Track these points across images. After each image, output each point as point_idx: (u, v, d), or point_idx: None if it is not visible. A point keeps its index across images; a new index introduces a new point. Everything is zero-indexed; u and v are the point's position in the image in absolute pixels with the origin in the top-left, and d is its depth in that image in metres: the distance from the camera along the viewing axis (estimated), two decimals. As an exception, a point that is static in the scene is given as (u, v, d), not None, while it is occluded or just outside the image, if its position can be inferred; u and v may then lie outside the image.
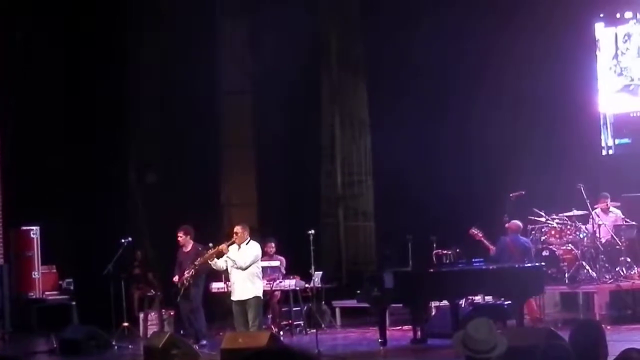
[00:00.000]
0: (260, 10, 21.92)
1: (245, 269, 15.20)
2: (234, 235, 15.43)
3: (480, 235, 17.34)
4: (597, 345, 6.52)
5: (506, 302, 16.35)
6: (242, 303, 15.27)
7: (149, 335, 16.85)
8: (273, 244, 18.27)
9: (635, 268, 17.94)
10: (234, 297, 15.38)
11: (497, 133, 20.01)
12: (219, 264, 15.54)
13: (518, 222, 17.53)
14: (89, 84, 20.79)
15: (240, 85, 22.69)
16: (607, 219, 18.51)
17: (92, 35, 20.91)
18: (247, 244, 15.37)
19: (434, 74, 20.68)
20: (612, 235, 18.18)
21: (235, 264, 15.21)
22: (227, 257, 15.30)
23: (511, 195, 18.04)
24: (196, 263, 16.08)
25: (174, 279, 16.55)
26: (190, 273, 16.17)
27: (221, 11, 22.66)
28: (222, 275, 16.63)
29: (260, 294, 15.50)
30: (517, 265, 16.33)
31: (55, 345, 16.57)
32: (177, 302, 16.76)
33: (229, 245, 15.39)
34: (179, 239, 16.71)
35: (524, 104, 20.30)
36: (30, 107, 20.41)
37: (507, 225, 17.42)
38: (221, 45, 22.52)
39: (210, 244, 16.04)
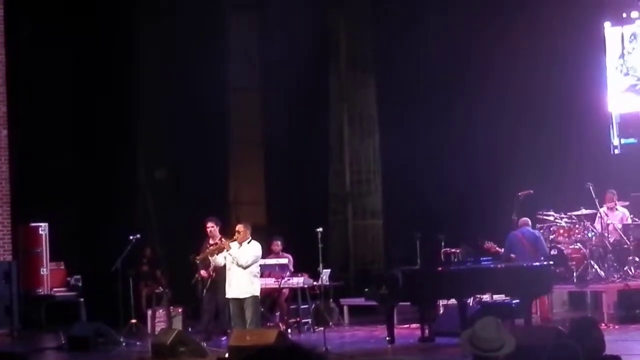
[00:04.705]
0: (269, 6, 21.91)
1: (245, 267, 15.14)
2: (236, 233, 15.35)
3: (496, 247, 17.42)
4: (598, 339, 6.54)
5: (514, 301, 16.35)
6: (240, 302, 15.17)
7: (156, 332, 16.84)
8: (279, 242, 18.28)
9: (644, 267, 17.92)
10: (231, 295, 15.26)
11: (506, 132, 19.99)
12: (219, 260, 15.50)
13: (527, 219, 17.64)
14: (97, 80, 20.79)
15: (249, 81, 22.67)
16: (613, 217, 18.47)
17: (98, 32, 20.91)
18: (248, 242, 15.31)
19: (443, 72, 20.65)
20: (620, 235, 18.16)
21: (237, 261, 15.16)
22: (229, 253, 15.26)
23: (520, 194, 18.06)
24: (198, 258, 16.08)
25: (202, 272, 16.54)
26: (202, 258, 16.13)
27: (229, 6, 22.64)
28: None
29: (258, 294, 15.42)
30: (525, 264, 16.33)
31: (63, 342, 16.56)
32: (203, 296, 16.71)
33: (230, 243, 15.45)
34: (210, 229, 16.57)
35: (533, 102, 20.27)
36: (39, 103, 20.42)
37: (519, 221, 17.49)
38: (229, 41, 22.49)
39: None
